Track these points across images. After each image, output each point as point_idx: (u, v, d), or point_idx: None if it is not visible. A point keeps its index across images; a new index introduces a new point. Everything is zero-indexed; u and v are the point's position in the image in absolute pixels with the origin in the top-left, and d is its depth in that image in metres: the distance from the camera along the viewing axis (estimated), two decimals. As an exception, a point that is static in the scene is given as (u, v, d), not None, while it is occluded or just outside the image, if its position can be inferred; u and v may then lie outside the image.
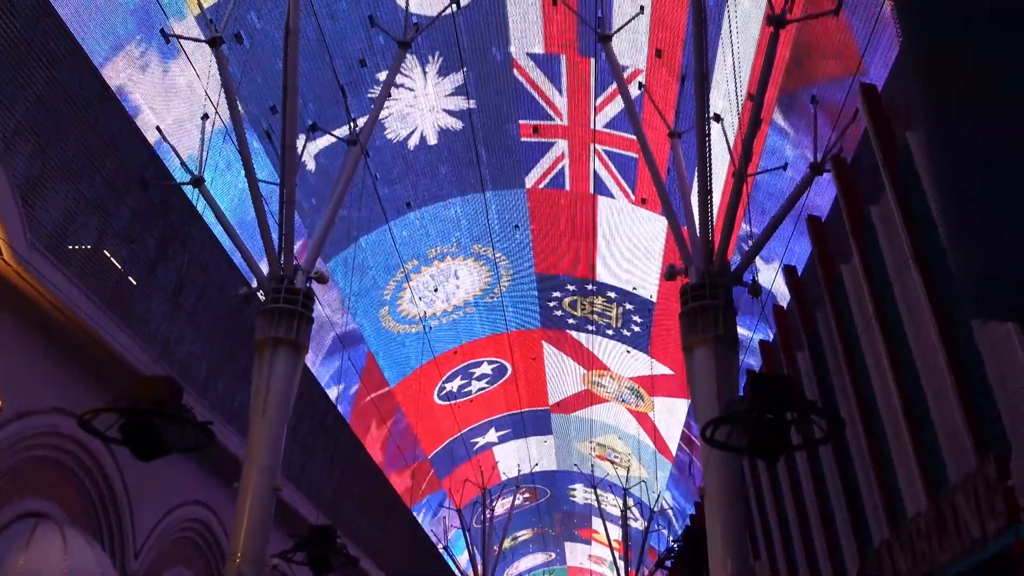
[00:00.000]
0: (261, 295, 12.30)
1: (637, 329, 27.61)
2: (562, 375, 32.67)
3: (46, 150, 12.11)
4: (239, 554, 10.61)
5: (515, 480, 37.94)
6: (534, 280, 26.90)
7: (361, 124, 15.35)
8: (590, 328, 28.69)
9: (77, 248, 13.18)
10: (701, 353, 10.47)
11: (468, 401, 33.16)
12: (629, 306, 26.66)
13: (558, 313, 28.48)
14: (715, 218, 11.13)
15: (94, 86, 12.84)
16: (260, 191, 12.22)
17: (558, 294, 27.49)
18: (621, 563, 36.50)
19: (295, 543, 13.51)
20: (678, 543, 20.82)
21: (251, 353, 12.04)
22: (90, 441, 12.42)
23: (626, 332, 28.11)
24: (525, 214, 24.11)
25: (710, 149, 11.00)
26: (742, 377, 11.48)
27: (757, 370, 20.63)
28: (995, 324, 9.25)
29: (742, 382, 10.69)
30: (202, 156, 13.49)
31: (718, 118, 13.43)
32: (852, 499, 15.16)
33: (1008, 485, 8.72)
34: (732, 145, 12.49)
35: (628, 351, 29.08)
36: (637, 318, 27.05)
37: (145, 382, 9.28)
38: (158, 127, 14.32)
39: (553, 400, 34.74)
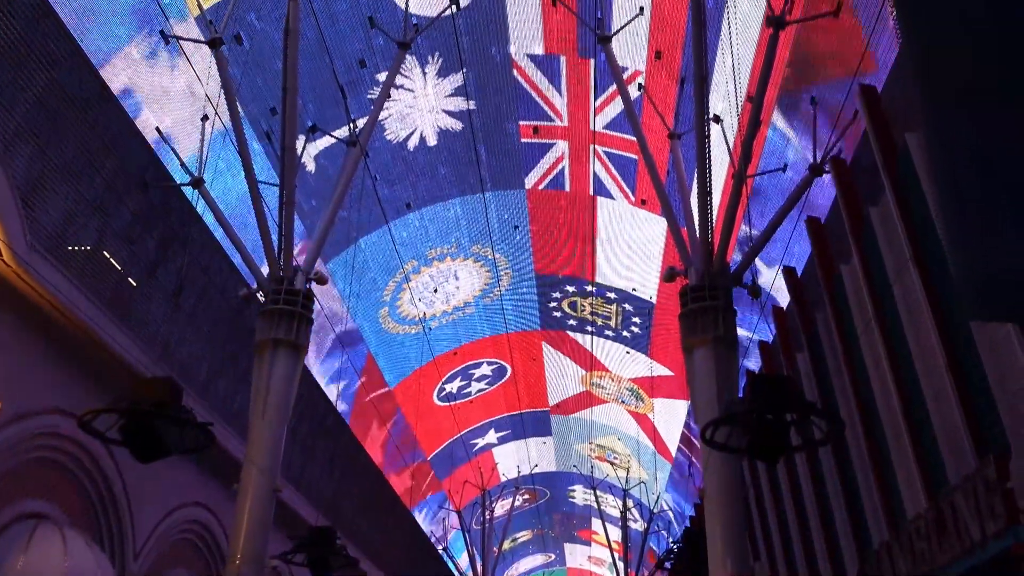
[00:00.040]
0: (261, 296, 12.30)
1: (637, 330, 27.61)
2: (562, 376, 32.66)
3: (46, 151, 12.11)
4: (239, 555, 10.61)
5: (515, 481, 37.91)
6: (534, 281, 26.89)
7: (361, 125, 15.35)
8: (590, 329, 28.68)
9: (77, 249, 13.18)
10: (701, 354, 10.47)
11: (468, 402, 33.15)
12: (629, 307, 26.66)
13: (558, 314, 28.47)
14: (715, 219, 11.14)
15: (94, 87, 12.84)
16: (260, 192, 12.23)
17: (558, 295, 27.48)
18: (621, 564, 36.47)
19: (295, 544, 13.50)
20: (678, 544, 20.78)
21: (251, 354, 12.04)
22: (90, 442, 12.43)
23: (626, 333, 28.11)
24: (525, 215, 24.11)
25: (710, 150, 11.00)
26: (742, 378, 11.49)
27: (756, 371, 20.63)
28: (995, 325, 9.26)
29: (742, 383, 10.70)
30: (202, 157, 13.50)
31: (718, 119, 13.42)
32: (852, 500, 15.16)
33: (1007, 487, 8.72)
34: (732, 146, 12.50)
35: (628, 352, 29.07)
36: (637, 319, 27.04)
37: (145, 383, 9.27)
38: (158, 128, 14.33)
39: (553, 401, 34.73)
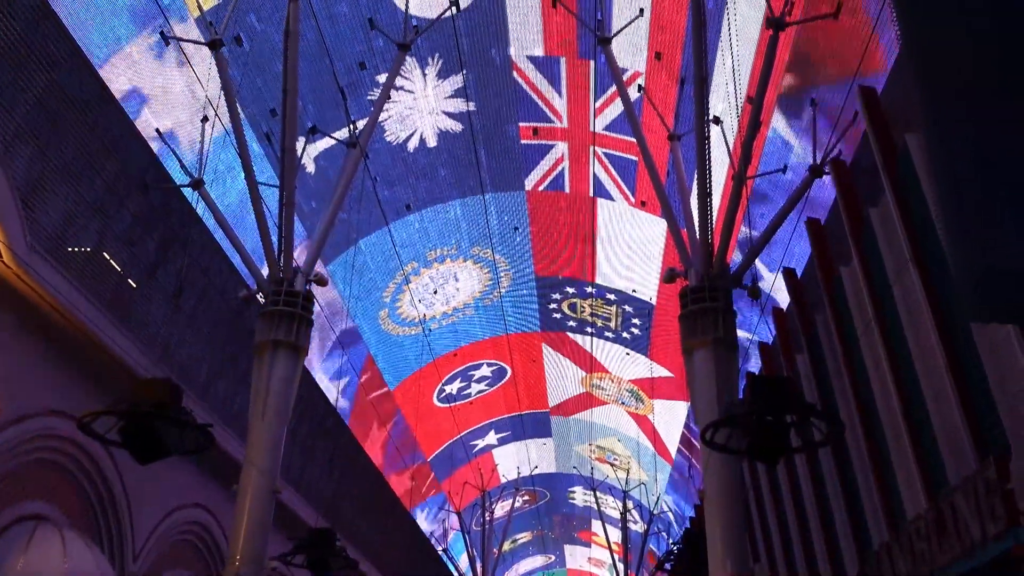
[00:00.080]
0: (261, 297, 12.30)
1: (637, 331, 27.60)
2: (562, 377, 32.66)
3: (46, 152, 12.11)
4: (238, 556, 10.61)
5: (515, 482, 37.91)
6: (534, 282, 26.89)
7: (361, 126, 15.36)
8: (589, 331, 28.68)
9: (77, 250, 13.17)
10: (701, 356, 10.48)
11: (467, 403, 33.15)
12: (629, 308, 26.66)
13: (557, 315, 28.47)
14: (714, 221, 11.14)
15: (94, 89, 12.84)
16: (260, 193, 12.23)
17: (557, 296, 27.48)
18: (621, 566, 36.46)
19: (294, 545, 13.50)
20: (678, 546, 20.79)
21: (251, 356, 12.04)
22: (89, 444, 12.42)
23: (626, 334, 28.11)
24: (525, 216, 24.11)
25: (709, 152, 11.01)
26: (742, 379, 11.48)
27: (756, 372, 20.63)
28: (995, 326, 9.25)
29: (742, 384, 10.70)
30: (202, 159, 13.51)
31: (717, 121, 13.43)
32: (852, 501, 15.15)
33: (1008, 488, 8.72)
34: (731, 148, 12.50)
35: (628, 353, 29.07)
36: (637, 320, 27.04)
37: (145, 385, 9.26)
38: (158, 130, 14.33)
39: (553, 402, 34.72)
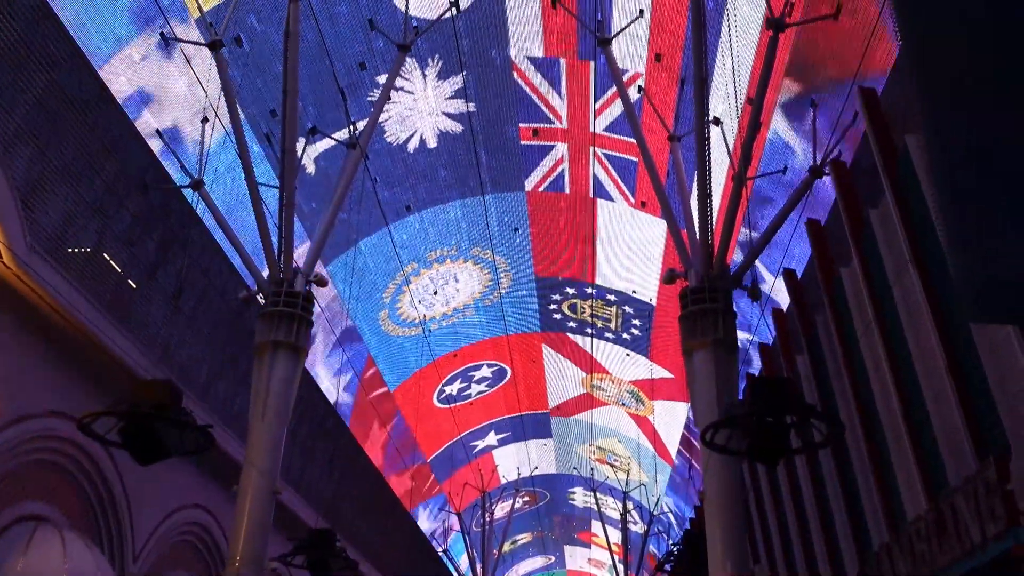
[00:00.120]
0: (261, 298, 12.30)
1: (637, 332, 27.60)
2: (562, 378, 32.66)
3: (46, 153, 12.11)
4: (238, 557, 10.61)
5: (515, 483, 37.91)
6: (534, 283, 26.89)
7: (361, 127, 15.37)
8: (590, 331, 28.68)
9: (77, 251, 13.17)
10: (701, 357, 10.48)
11: (468, 404, 33.14)
12: (629, 309, 26.66)
13: (558, 316, 28.47)
14: (715, 221, 11.14)
15: (94, 89, 12.84)
16: (260, 194, 12.24)
17: (558, 297, 27.48)
18: (621, 567, 36.45)
19: (294, 546, 13.50)
20: (678, 547, 20.78)
21: (251, 356, 12.04)
22: (89, 445, 12.41)
23: (626, 335, 28.11)
24: (525, 217, 24.12)
25: (710, 152, 11.01)
26: (742, 381, 11.49)
27: (756, 374, 20.63)
28: (995, 327, 9.25)
29: (742, 385, 10.70)
30: (202, 159, 13.52)
31: (717, 122, 13.45)
32: (852, 502, 15.14)
33: (1008, 488, 8.71)
34: (731, 149, 12.50)
35: (628, 354, 29.07)
36: (637, 321, 27.04)
37: (145, 385, 9.25)
38: (158, 130, 14.33)
39: (553, 403, 34.72)
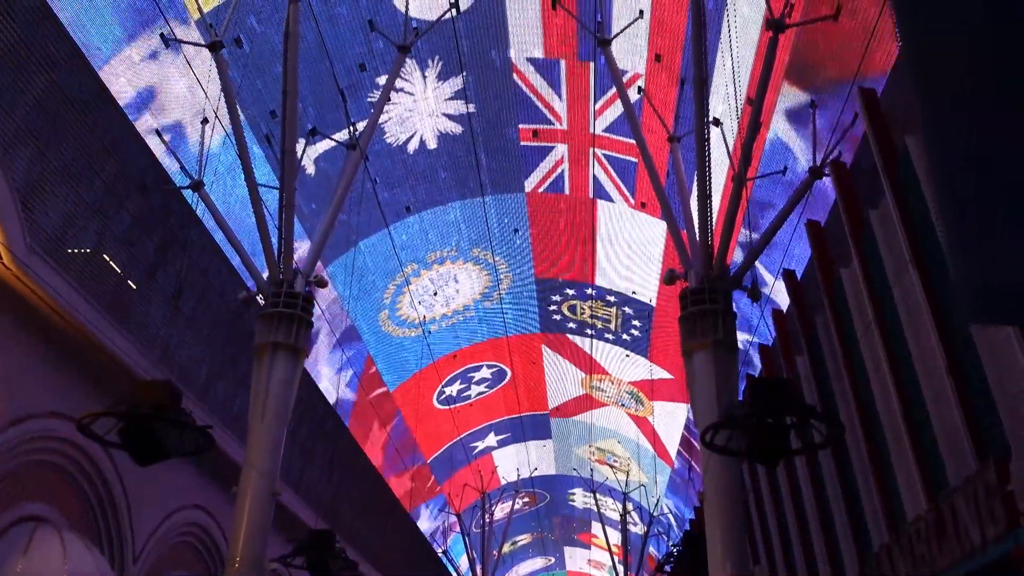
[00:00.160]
0: (260, 299, 12.30)
1: (636, 333, 27.61)
2: (562, 379, 32.65)
3: (46, 154, 12.11)
4: (238, 558, 10.60)
5: (514, 484, 37.90)
6: (533, 284, 26.89)
7: (361, 128, 15.37)
8: (589, 332, 28.68)
9: (76, 252, 13.17)
10: (700, 357, 10.47)
11: (467, 405, 33.14)
12: (628, 310, 26.66)
13: (557, 317, 28.47)
14: (714, 222, 11.14)
15: (93, 90, 12.84)
16: (260, 195, 12.23)
17: (557, 298, 27.48)
18: (620, 568, 36.44)
19: (294, 547, 13.51)
20: (678, 548, 20.80)
21: (250, 357, 12.04)
22: (89, 445, 12.40)
23: (626, 336, 28.10)
24: (524, 218, 24.12)
25: (709, 153, 11.00)
26: (742, 381, 11.48)
27: (756, 375, 20.63)
28: (994, 327, 9.25)
29: (741, 386, 10.69)
30: (202, 160, 13.52)
31: (717, 122, 13.45)
32: (852, 503, 15.14)
33: (1008, 490, 8.70)
34: (731, 149, 12.50)
35: (628, 355, 29.06)
36: (636, 322, 27.04)
37: (144, 386, 9.26)
38: (158, 131, 14.33)
39: (553, 404, 34.71)
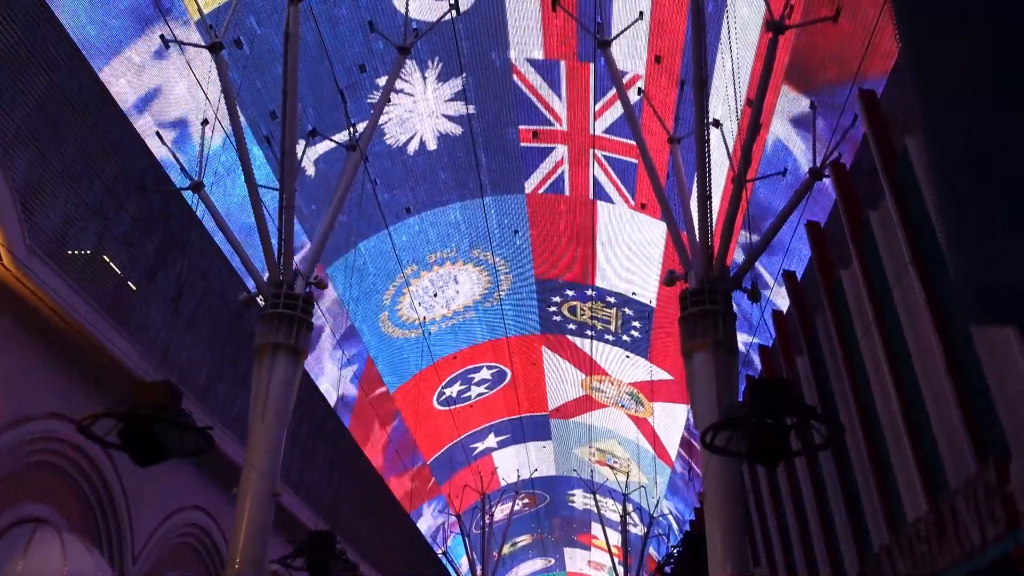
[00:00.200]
0: (261, 300, 12.30)
1: (636, 334, 27.61)
2: (561, 380, 32.65)
3: (46, 155, 12.12)
4: (238, 559, 10.60)
5: (514, 485, 37.89)
6: (533, 285, 26.90)
7: (361, 129, 15.37)
8: (589, 333, 28.69)
9: (76, 253, 13.18)
10: (701, 358, 10.47)
11: (467, 406, 33.14)
12: (628, 311, 26.66)
13: (557, 318, 28.47)
14: (714, 223, 11.14)
15: (93, 91, 12.85)
16: (260, 196, 12.24)
17: (557, 299, 27.48)
18: (620, 569, 36.44)
19: (294, 549, 13.50)
20: (678, 548, 20.81)
21: (250, 358, 12.04)
22: (89, 446, 12.41)
23: (625, 337, 28.10)
24: (524, 219, 24.12)
25: (709, 154, 11.01)
26: (742, 382, 11.48)
27: (756, 375, 20.63)
28: (994, 328, 9.24)
29: (742, 387, 10.70)
30: (202, 161, 13.52)
31: (717, 123, 13.44)
32: (852, 504, 15.14)
33: (1008, 490, 8.71)
34: (731, 150, 12.50)
35: (627, 356, 29.07)
36: (636, 323, 27.04)
37: (144, 387, 9.26)
38: (158, 132, 14.33)
39: (553, 405, 34.71)
